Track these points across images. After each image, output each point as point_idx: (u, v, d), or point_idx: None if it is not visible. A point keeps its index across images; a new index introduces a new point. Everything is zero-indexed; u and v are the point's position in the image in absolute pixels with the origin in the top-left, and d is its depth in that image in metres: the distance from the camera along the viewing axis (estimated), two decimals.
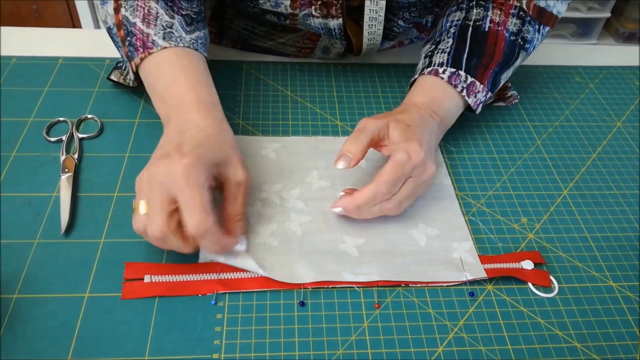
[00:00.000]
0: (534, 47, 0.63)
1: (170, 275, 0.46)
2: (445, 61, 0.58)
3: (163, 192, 0.42)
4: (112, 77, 0.64)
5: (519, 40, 0.60)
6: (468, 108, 0.60)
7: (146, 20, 0.53)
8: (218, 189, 0.48)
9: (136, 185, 0.45)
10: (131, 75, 0.57)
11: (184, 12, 0.55)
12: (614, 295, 0.49)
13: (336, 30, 0.65)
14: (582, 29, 1.96)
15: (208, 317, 0.44)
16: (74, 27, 1.81)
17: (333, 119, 0.64)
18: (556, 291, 0.48)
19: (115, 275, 0.46)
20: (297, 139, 0.61)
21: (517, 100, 0.67)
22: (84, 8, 1.71)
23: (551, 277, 0.49)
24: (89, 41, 0.73)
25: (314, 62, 0.73)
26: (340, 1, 0.61)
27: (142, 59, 0.53)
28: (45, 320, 0.43)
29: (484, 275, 0.48)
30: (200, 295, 0.45)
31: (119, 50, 0.57)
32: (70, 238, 0.49)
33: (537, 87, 0.73)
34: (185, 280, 0.46)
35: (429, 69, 0.58)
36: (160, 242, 0.43)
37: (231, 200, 0.47)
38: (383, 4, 0.61)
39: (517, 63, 0.62)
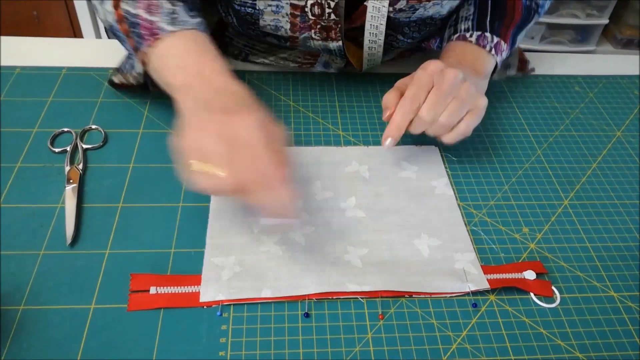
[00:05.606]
0: (544, 9, 0.69)
1: (175, 287, 0.46)
2: (470, 27, 0.62)
3: (245, 148, 0.43)
4: (114, 79, 0.64)
5: (534, 5, 0.66)
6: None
7: (149, 9, 0.53)
8: None
9: (194, 146, 0.44)
10: (138, 68, 0.56)
11: (184, 0, 0.55)
12: (615, 305, 0.49)
13: (336, 51, 0.66)
14: (581, 35, 1.97)
15: (213, 328, 0.44)
16: (74, 33, 1.81)
17: (335, 128, 0.65)
18: (558, 301, 0.49)
19: (121, 286, 0.47)
20: (300, 149, 0.61)
21: (534, 72, 0.72)
22: (85, 15, 1.71)
23: (553, 287, 0.50)
24: (92, 51, 0.73)
25: (316, 72, 0.73)
26: (339, 25, 0.61)
27: (150, 46, 0.52)
28: (51, 332, 0.43)
29: (486, 286, 0.48)
30: (205, 306, 0.46)
31: (124, 45, 0.57)
32: (75, 249, 0.49)
33: (537, 96, 0.73)
34: (190, 291, 0.46)
35: (456, 36, 0.63)
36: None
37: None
38: (383, 28, 0.62)
39: (530, 25, 0.68)
